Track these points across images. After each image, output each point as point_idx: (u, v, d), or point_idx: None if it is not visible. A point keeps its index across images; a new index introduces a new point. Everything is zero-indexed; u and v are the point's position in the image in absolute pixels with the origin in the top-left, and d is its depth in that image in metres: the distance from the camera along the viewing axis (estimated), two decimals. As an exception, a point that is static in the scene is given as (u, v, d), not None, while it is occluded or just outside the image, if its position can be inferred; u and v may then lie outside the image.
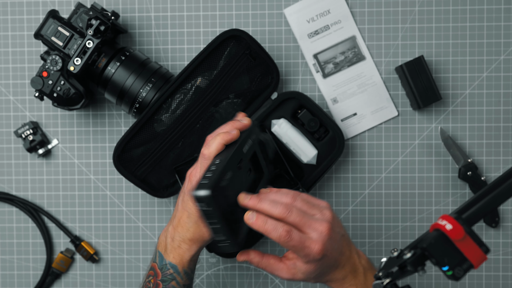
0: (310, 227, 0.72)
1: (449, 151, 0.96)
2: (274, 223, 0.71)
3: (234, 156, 0.73)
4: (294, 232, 0.71)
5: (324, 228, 0.72)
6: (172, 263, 0.78)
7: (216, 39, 0.89)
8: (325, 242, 0.72)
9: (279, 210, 0.72)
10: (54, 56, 0.87)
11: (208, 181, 0.68)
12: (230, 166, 0.71)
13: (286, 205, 0.73)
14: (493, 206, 0.62)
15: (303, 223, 0.72)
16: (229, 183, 0.71)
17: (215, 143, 0.75)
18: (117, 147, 0.90)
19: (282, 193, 0.75)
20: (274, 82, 0.93)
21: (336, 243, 0.74)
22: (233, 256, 0.95)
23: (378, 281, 0.62)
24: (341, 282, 0.77)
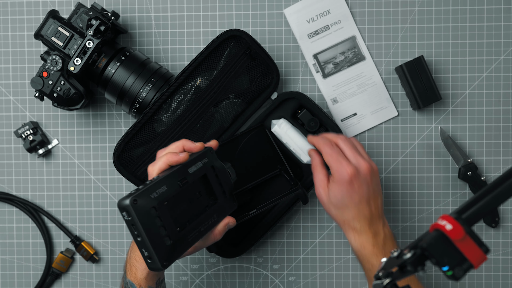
0: (353, 156, 0.82)
1: (449, 151, 0.96)
2: (325, 139, 0.84)
3: (175, 173, 0.72)
4: (337, 148, 0.82)
5: (364, 164, 0.81)
6: (131, 281, 0.79)
7: (216, 39, 0.89)
8: (358, 172, 0.81)
9: (338, 136, 0.84)
10: (54, 56, 0.87)
11: (134, 191, 0.68)
12: (168, 181, 0.71)
13: (346, 138, 0.85)
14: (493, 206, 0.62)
15: (350, 152, 0.82)
16: (164, 197, 0.70)
17: (160, 162, 0.75)
18: (117, 147, 0.90)
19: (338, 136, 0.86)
20: (274, 82, 0.93)
21: (367, 188, 0.81)
22: (233, 256, 0.95)
23: (378, 281, 0.62)
24: (358, 233, 0.82)
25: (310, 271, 0.99)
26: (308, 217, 0.98)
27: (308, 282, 0.99)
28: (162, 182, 0.71)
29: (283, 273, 0.99)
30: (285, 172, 0.90)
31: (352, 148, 0.83)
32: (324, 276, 0.99)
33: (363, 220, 0.81)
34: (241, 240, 0.95)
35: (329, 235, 0.98)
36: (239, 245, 0.95)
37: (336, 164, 0.81)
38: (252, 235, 0.94)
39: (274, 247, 0.99)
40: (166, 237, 0.70)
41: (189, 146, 0.78)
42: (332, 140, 0.84)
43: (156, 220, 0.69)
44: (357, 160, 0.81)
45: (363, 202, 0.81)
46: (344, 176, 0.80)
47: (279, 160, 0.90)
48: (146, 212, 0.68)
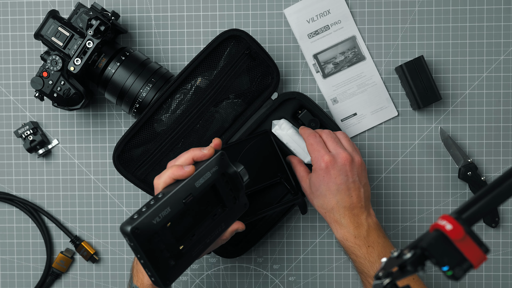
0: (334, 147, 0.84)
1: (449, 151, 0.96)
2: (311, 130, 0.87)
3: (180, 190, 0.72)
4: (320, 139, 0.85)
5: (343, 153, 0.83)
6: (137, 286, 0.79)
7: (216, 39, 0.89)
8: (335, 161, 0.82)
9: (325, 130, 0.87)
10: (54, 56, 0.87)
11: (137, 216, 0.69)
12: (172, 201, 0.71)
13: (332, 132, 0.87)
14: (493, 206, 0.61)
15: (331, 143, 0.84)
16: (167, 219, 0.70)
17: (164, 176, 0.75)
18: (117, 147, 0.90)
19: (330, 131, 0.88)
20: (275, 82, 0.93)
21: (344, 176, 0.82)
22: (233, 256, 0.95)
23: (378, 281, 0.62)
24: (339, 224, 0.83)
25: (310, 271, 0.99)
26: (308, 217, 0.98)
27: (308, 282, 0.99)
28: (166, 203, 0.70)
29: (283, 273, 0.99)
30: (286, 181, 0.89)
31: (334, 140, 0.85)
32: (324, 276, 0.99)
33: (343, 211, 0.82)
34: (241, 240, 0.95)
35: (329, 235, 0.98)
36: (239, 244, 0.95)
37: (315, 153, 0.83)
38: (252, 235, 0.94)
39: (274, 247, 0.99)
40: (168, 259, 0.71)
41: (198, 156, 0.77)
42: (317, 132, 0.87)
43: (158, 245, 0.70)
44: (336, 150, 0.83)
45: (342, 191, 0.82)
46: (320, 164, 0.82)
47: (281, 168, 0.90)
48: (147, 239, 0.69)
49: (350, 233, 0.82)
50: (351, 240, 0.82)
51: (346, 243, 0.83)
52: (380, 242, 0.82)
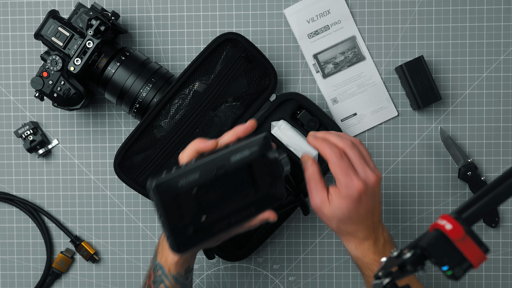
0: (362, 168, 0.76)
1: (449, 151, 0.96)
2: (332, 145, 0.77)
3: (213, 161, 0.71)
4: (346, 158, 0.76)
5: (372, 176, 0.76)
6: (160, 264, 0.78)
7: (211, 43, 0.89)
8: (367, 186, 0.75)
9: (345, 142, 0.77)
10: (54, 56, 0.87)
11: (164, 175, 0.68)
12: (202, 168, 0.70)
13: (351, 142, 0.77)
14: (493, 206, 0.61)
15: (358, 162, 0.76)
16: (194, 185, 0.69)
17: (188, 149, 0.74)
18: (118, 155, 0.90)
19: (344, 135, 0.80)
20: (272, 84, 0.93)
21: (373, 200, 0.77)
22: (238, 259, 0.95)
23: (378, 280, 0.62)
24: (360, 242, 0.78)
25: (310, 271, 0.99)
26: (308, 217, 0.98)
27: (308, 282, 0.99)
28: (195, 169, 0.69)
29: (283, 273, 0.99)
30: (286, 182, 0.88)
31: (360, 157, 0.77)
32: (324, 276, 0.99)
33: (366, 230, 0.78)
34: (245, 243, 0.95)
35: (329, 235, 0.98)
36: (243, 248, 0.95)
37: (346, 178, 0.75)
38: (256, 238, 0.95)
39: (274, 247, 0.99)
40: (187, 225, 0.70)
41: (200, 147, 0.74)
42: (339, 148, 0.77)
43: (179, 207, 0.69)
44: (366, 173, 0.76)
45: (368, 214, 0.77)
46: (354, 192, 0.75)
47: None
48: (169, 199, 0.68)
49: (370, 250, 0.78)
50: (370, 257, 0.78)
51: (364, 260, 0.78)
52: None
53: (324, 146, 0.77)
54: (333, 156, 0.76)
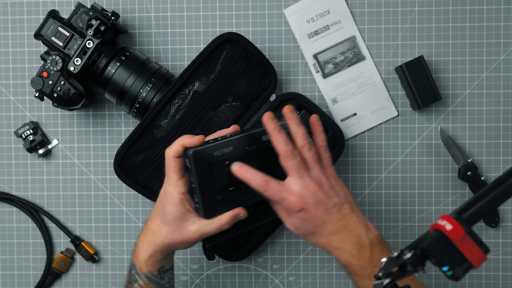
0: (299, 177, 0.75)
1: (449, 151, 0.96)
2: (254, 172, 0.76)
3: (246, 138, 0.78)
4: (272, 182, 0.75)
5: (309, 184, 0.75)
6: (133, 263, 0.80)
7: (211, 43, 0.89)
8: (304, 195, 0.74)
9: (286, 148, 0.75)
10: (54, 56, 0.87)
11: (204, 144, 0.76)
12: (235, 143, 0.77)
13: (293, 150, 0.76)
14: (493, 206, 0.62)
15: (296, 172, 0.75)
16: (227, 157, 0.76)
17: (174, 145, 0.77)
18: (118, 155, 0.90)
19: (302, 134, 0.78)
20: (272, 83, 0.93)
21: (322, 204, 0.75)
22: (239, 259, 0.95)
23: (378, 281, 0.62)
24: (340, 250, 0.76)
25: (310, 271, 0.99)
26: (308, 217, 0.98)
27: (308, 282, 0.99)
28: (230, 143, 0.77)
29: (283, 273, 0.99)
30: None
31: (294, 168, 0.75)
32: (324, 276, 0.99)
33: (339, 236, 0.75)
34: (245, 243, 0.95)
35: (329, 235, 0.98)
36: (243, 248, 0.95)
37: (281, 200, 0.75)
38: (255, 237, 0.95)
39: (274, 247, 0.99)
40: (217, 192, 0.77)
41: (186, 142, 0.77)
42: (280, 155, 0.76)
43: (212, 176, 0.76)
44: (301, 183, 0.75)
45: (328, 220, 0.75)
46: (292, 208, 0.74)
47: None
48: (204, 166, 0.75)
49: (353, 256, 0.75)
50: (355, 264, 0.75)
51: (350, 267, 0.76)
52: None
53: (248, 178, 0.76)
54: (260, 187, 0.75)
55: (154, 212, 0.80)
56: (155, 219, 0.79)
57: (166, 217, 0.78)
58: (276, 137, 0.76)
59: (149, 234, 0.79)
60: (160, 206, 0.79)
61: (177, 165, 0.77)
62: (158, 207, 0.79)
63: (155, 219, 0.79)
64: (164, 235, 0.78)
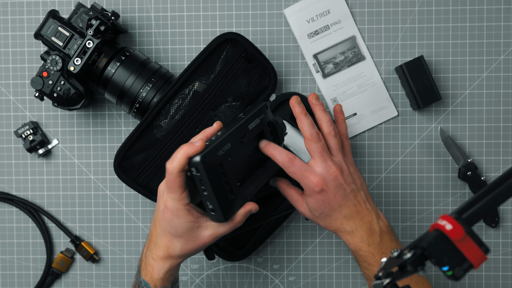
0: (321, 161, 0.79)
1: (449, 151, 0.96)
2: (281, 149, 0.79)
3: (237, 131, 0.77)
4: (297, 160, 0.78)
5: (331, 167, 0.78)
6: (145, 281, 0.78)
7: (211, 43, 0.89)
8: (326, 178, 0.78)
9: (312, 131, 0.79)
10: (54, 56, 0.87)
11: (205, 150, 0.72)
12: (231, 138, 0.75)
13: (316, 135, 0.79)
14: (493, 206, 0.62)
15: (319, 155, 0.79)
16: (228, 154, 0.75)
17: (178, 158, 0.73)
18: (117, 155, 0.90)
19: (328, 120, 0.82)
20: (272, 83, 0.93)
21: (343, 189, 0.79)
22: (239, 259, 0.95)
23: (378, 281, 0.62)
24: (351, 235, 0.80)
25: (310, 271, 0.99)
26: (308, 217, 0.98)
27: (308, 282, 0.99)
28: (226, 140, 0.75)
29: (283, 273, 0.99)
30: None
31: (319, 151, 0.79)
32: (324, 276, 0.99)
33: (352, 221, 0.79)
34: (245, 243, 0.95)
35: (329, 235, 0.98)
36: (243, 248, 0.95)
37: (302, 178, 0.78)
38: (256, 237, 0.95)
39: (274, 247, 0.99)
40: (229, 192, 0.75)
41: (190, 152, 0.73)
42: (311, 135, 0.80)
43: (222, 176, 0.74)
44: (324, 166, 0.78)
45: (345, 205, 0.79)
46: (313, 188, 0.78)
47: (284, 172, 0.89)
48: (213, 169, 0.73)
49: (364, 242, 0.79)
50: (364, 249, 0.79)
51: (359, 253, 0.80)
52: (393, 247, 0.80)
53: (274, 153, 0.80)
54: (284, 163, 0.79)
55: (159, 229, 0.77)
56: (163, 235, 0.77)
57: (177, 231, 0.76)
58: (302, 120, 0.80)
59: (162, 251, 0.77)
60: (165, 222, 0.76)
61: (182, 179, 0.73)
62: (164, 223, 0.76)
63: (164, 235, 0.77)
64: (180, 248, 0.77)
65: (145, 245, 0.81)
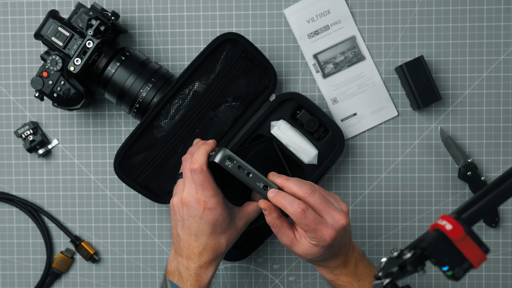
0: (328, 213, 0.74)
1: (449, 151, 0.96)
2: (291, 199, 0.74)
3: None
4: (309, 211, 0.73)
5: (341, 218, 0.74)
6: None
7: (211, 43, 0.89)
8: (338, 231, 0.74)
9: (305, 189, 0.74)
10: (54, 56, 0.87)
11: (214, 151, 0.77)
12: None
13: (311, 187, 0.75)
14: (493, 206, 0.62)
15: (322, 207, 0.74)
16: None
17: (200, 155, 0.75)
18: (118, 155, 0.90)
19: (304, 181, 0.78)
20: (272, 84, 0.93)
21: (345, 236, 0.76)
22: (238, 259, 0.95)
23: (378, 281, 0.62)
24: (331, 269, 0.79)
25: (310, 271, 0.99)
26: (308, 217, 0.98)
27: (308, 282, 0.99)
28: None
29: (283, 273, 0.99)
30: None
31: (324, 201, 0.74)
32: (324, 276, 0.98)
33: (337, 260, 0.78)
34: (244, 243, 0.95)
35: (329, 235, 0.98)
36: (242, 248, 0.95)
37: (315, 233, 0.74)
38: (255, 238, 0.95)
39: (274, 247, 0.99)
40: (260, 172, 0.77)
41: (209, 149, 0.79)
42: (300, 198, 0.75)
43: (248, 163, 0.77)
44: (333, 218, 0.74)
45: (341, 248, 0.77)
46: (325, 241, 0.74)
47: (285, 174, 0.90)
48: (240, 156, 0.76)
49: (341, 273, 0.79)
50: (342, 279, 0.79)
51: (337, 282, 0.80)
52: (367, 272, 0.80)
53: (284, 204, 0.74)
54: (296, 215, 0.73)
55: (203, 239, 0.77)
56: (210, 240, 0.77)
57: (222, 228, 0.77)
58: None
59: (210, 255, 0.78)
60: (209, 225, 0.76)
61: (210, 175, 0.76)
62: (208, 228, 0.76)
63: (211, 240, 0.77)
64: (226, 244, 0.78)
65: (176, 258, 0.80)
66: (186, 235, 0.78)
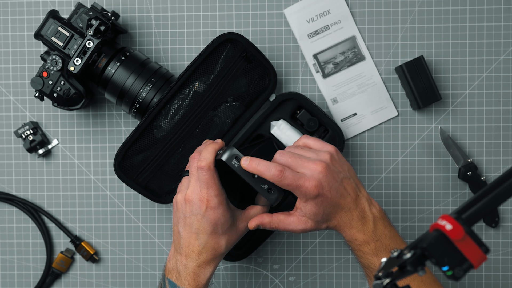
0: (303, 166, 0.75)
1: (449, 151, 0.96)
2: (267, 163, 0.74)
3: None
4: (287, 171, 0.73)
5: (318, 166, 0.74)
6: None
7: (211, 43, 0.89)
8: (319, 179, 0.74)
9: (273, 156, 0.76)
10: (54, 56, 0.87)
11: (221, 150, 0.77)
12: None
13: (281, 152, 0.76)
14: (493, 206, 0.62)
15: (295, 164, 0.75)
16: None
17: (209, 153, 0.76)
18: (118, 155, 0.90)
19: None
20: (272, 83, 0.93)
21: (335, 183, 0.75)
22: (238, 259, 0.95)
23: (378, 281, 0.62)
24: (348, 226, 0.77)
25: (310, 271, 0.99)
26: (308, 217, 0.98)
27: (308, 282, 0.99)
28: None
29: (283, 273, 0.99)
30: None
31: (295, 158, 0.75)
32: (324, 276, 0.99)
33: (349, 213, 0.77)
34: (244, 243, 0.95)
35: (329, 235, 0.98)
36: (242, 248, 0.95)
37: (297, 188, 0.74)
38: (255, 238, 0.95)
39: (274, 247, 0.99)
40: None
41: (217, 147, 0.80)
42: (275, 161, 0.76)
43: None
44: (309, 168, 0.74)
45: (340, 199, 0.76)
46: (311, 194, 0.74)
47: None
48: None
49: (359, 231, 0.77)
50: (360, 239, 0.77)
51: (354, 243, 0.78)
52: (387, 234, 0.78)
53: (261, 170, 0.74)
54: (275, 178, 0.73)
55: (203, 237, 0.77)
56: (210, 239, 0.77)
57: (223, 228, 0.77)
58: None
59: (209, 255, 0.78)
60: (210, 224, 0.76)
61: (216, 173, 0.76)
62: (209, 226, 0.77)
63: (211, 239, 0.77)
64: (225, 245, 0.78)
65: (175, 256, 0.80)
66: (187, 232, 0.78)
